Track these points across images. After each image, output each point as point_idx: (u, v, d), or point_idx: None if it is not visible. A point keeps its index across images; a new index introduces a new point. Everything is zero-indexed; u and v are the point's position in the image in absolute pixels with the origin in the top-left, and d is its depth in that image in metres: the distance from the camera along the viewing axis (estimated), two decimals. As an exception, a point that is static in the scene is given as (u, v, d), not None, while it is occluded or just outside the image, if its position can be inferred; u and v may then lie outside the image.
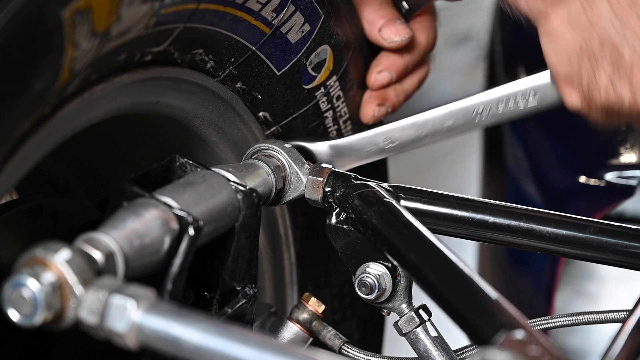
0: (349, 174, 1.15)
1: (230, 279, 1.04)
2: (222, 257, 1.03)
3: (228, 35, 1.09)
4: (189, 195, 0.98)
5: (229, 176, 1.04)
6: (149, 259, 0.91)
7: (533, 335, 0.87)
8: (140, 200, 0.94)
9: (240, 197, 1.02)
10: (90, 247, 0.87)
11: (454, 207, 1.12)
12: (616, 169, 1.52)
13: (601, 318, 1.11)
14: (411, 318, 1.13)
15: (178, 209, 0.94)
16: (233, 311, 1.03)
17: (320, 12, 1.16)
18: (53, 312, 0.83)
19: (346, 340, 1.15)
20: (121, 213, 0.92)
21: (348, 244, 1.13)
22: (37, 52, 0.86)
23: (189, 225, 0.94)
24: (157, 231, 0.92)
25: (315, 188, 1.14)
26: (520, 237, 1.10)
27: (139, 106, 1.10)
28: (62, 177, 1.30)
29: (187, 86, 1.12)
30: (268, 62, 1.15)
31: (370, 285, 1.12)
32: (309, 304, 1.17)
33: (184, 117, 1.16)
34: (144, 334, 0.84)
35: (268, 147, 1.15)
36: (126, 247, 0.89)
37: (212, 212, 0.99)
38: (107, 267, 0.87)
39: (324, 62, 1.21)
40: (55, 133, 0.96)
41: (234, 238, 1.03)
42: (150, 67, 1.05)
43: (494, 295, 0.95)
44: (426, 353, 1.12)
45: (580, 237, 1.09)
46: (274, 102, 1.19)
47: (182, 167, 1.03)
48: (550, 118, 1.64)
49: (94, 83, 0.98)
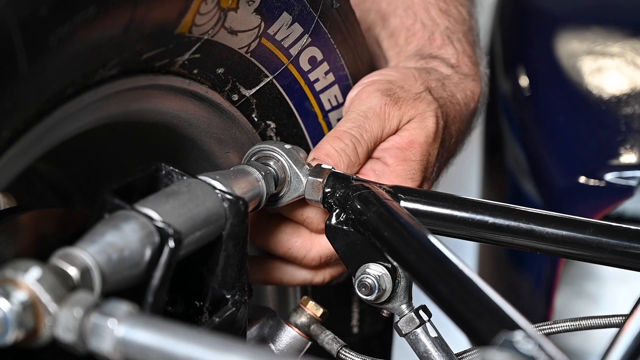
0: (349, 175, 1.15)
1: (219, 287, 1.03)
2: (210, 266, 1.03)
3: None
4: (171, 205, 0.97)
5: (215, 184, 1.03)
6: (129, 272, 0.90)
7: (533, 337, 0.87)
8: (121, 213, 0.93)
9: (227, 206, 1.01)
10: (65, 263, 0.86)
11: (453, 207, 1.12)
12: (616, 170, 1.51)
13: (603, 323, 1.11)
14: (411, 319, 1.13)
15: (159, 221, 0.93)
16: (222, 320, 1.02)
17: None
18: (25, 331, 0.83)
19: (344, 344, 1.15)
20: (100, 226, 0.91)
21: (348, 244, 1.13)
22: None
23: (169, 237, 0.93)
24: (136, 244, 0.91)
25: (315, 189, 1.14)
26: (520, 238, 1.10)
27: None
28: (62, 184, 1.30)
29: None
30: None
31: (370, 286, 1.12)
32: (307, 307, 1.17)
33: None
34: (127, 349, 0.83)
35: (267, 148, 1.15)
36: (103, 261, 0.88)
37: (195, 221, 0.98)
38: (83, 283, 0.86)
39: None
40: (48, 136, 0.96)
41: (222, 247, 1.02)
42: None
43: (493, 296, 0.95)
44: (426, 354, 1.12)
45: (580, 237, 1.09)
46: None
47: (168, 176, 1.02)
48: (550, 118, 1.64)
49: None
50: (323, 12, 1.17)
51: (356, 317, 1.39)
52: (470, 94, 1.30)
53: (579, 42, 1.71)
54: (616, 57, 1.66)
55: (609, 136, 1.56)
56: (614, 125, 1.57)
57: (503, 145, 1.73)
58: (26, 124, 0.91)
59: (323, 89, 1.22)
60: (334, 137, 1.18)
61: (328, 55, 1.21)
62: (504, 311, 0.93)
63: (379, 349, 1.44)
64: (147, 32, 0.99)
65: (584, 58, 1.68)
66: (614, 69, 1.65)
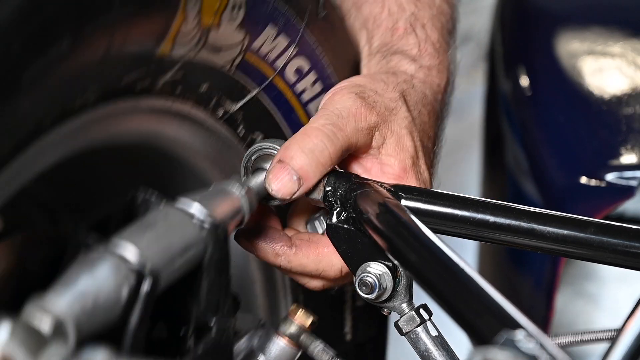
0: (350, 173, 1.14)
1: (203, 312, 1.00)
2: (193, 292, 1.00)
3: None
4: (147, 240, 0.93)
5: (192, 211, 0.99)
6: (104, 317, 0.88)
7: (534, 336, 0.87)
8: (95, 253, 0.90)
9: (205, 234, 0.98)
10: (38, 316, 0.83)
11: (454, 206, 1.11)
12: (617, 170, 1.51)
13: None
14: (412, 317, 1.13)
15: (135, 261, 0.90)
16: (207, 347, 1.00)
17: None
18: None
19: (334, 354, 1.13)
20: (73, 271, 0.88)
21: (349, 243, 1.13)
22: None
23: (146, 279, 0.90)
24: (111, 288, 0.88)
25: (316, 187, 1.13)
26: (521, 237, 1.10)
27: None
28: (51, 205, 1.29)
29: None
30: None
31: (371, 284, 1.12)
32: (296, 317, 1.14)
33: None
34: None
35: (268, 147, 1.15)
36: (78, 309, 0.85)
37: (173, 254, 0.95)
38: (56, 336, 0.83)
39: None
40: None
41: (203, 274, 0.99)
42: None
43: (495, 295, 0.95)
44: (427, 352, 1.12)
45: (581, 237, 1.08)
46: None
47: (145, 202, 0.99)
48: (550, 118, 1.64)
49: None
50: (309, 22, 1.16)
51: (349, 324, 1.38)
52: (437, 88, 1.28)
53: (580, 42, 1.71)
54: (617, 57, 1.66)
55: (610, 136, 1.56)
56: (615, 126, 1.57)
57: (503, 145, 1.73)
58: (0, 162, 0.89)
59: (310, 99, 1.22)
60: (302, 135, 1.10)
61: (315, 65, 1.20)
62: (505, 310, 0.92)
63: (373, 355, 1.43)
64: (126, 57, 0.97)
65: (585, 58, 1.68)
66: (615, 69, 1.65)
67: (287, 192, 1.09)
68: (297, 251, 1.15)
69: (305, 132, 1.10)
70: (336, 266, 1.16)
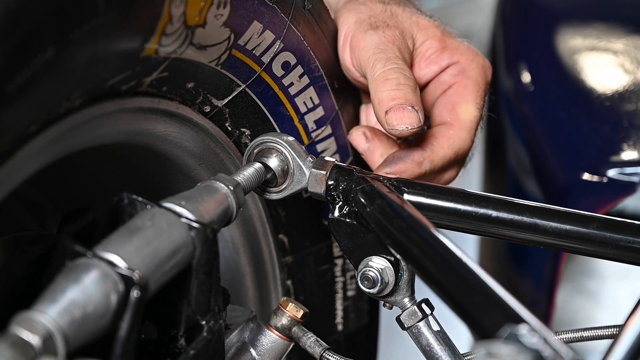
0: (352, 167, 1.14)
1: (193, 313, 0.99)
2: (183, 294, 0.99)
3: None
4: (134, 245, 0.92)
5: (180, 211, 0.98)
6: (94, 327, 0.86)
7: (537, 330, 0.87)
8: (82, 262, 0.88)
9: (194, 235, 0.97)
10: (26, 331, 0.81)
11: (457, 201, 1.11)
12: (618, 166, 1.51)
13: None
14: (413, 312, 1.12)
15: (122, 268, 0.89)
16: (199, 349, 0.99)
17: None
18: None
19: (327, 347, 1.13)
20: (60, 281, 0.86)
21: (351, 237, 1.12)
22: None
23: (134, 286, 0.89)
24: (100, 297, 0.86)
25: (318, 181, 1.13)
26: (523, 232, 1.10)
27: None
28: (38, 206, 1.28)
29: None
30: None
31: (373, 279, 1.11)
32: (287, 309, 1.13)
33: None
34: None
35: (270, 140, 1.15)
36: (66, 322, 0.83)
37: (162, 258, 0.93)
38: (46, 349, 0.82)
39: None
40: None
41: (192, 275, 0.98)
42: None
43: (497, 289, 0.94)
44: (428, 347, 1.12)
45: (583, 232, 1.08)
46: None
47: (131, 205, 0.97)
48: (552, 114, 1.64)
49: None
50: (294, 15, 1.16)
51: (340, 315, 1.38)
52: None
53: (581, 38, 1.71)
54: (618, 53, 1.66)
55: (612, 133, 1.56)
56: (617, 122, 1.57)
57: (505, 142, 1.73)
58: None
59: (298, 92, 1.21)
60: (383, 82, 1.18)
61: (302, 59, 1.19)
62: (509, 304, 0.92)
63: (365, 344, 1.43)
64: (111, 61, 0.96)
65: (586, 54, 1.68)
66: (616, 66, 1.65)
67: (415, 121, 1.16)
68: (432, 147, 1.21)
69: (381, 78, 1.18)
70: (464, 133, 1.23)
